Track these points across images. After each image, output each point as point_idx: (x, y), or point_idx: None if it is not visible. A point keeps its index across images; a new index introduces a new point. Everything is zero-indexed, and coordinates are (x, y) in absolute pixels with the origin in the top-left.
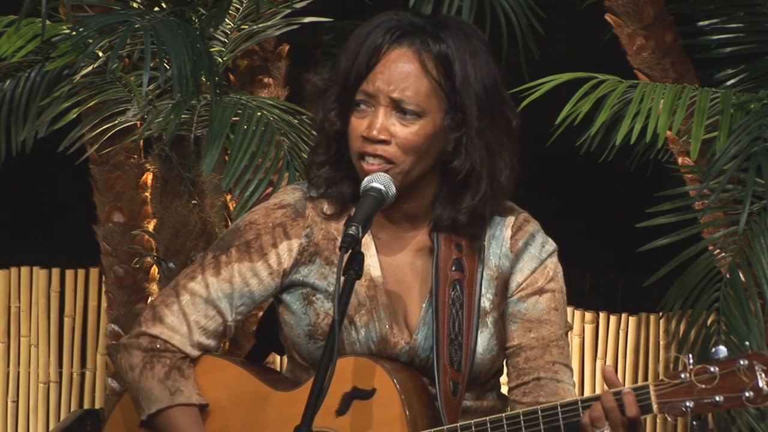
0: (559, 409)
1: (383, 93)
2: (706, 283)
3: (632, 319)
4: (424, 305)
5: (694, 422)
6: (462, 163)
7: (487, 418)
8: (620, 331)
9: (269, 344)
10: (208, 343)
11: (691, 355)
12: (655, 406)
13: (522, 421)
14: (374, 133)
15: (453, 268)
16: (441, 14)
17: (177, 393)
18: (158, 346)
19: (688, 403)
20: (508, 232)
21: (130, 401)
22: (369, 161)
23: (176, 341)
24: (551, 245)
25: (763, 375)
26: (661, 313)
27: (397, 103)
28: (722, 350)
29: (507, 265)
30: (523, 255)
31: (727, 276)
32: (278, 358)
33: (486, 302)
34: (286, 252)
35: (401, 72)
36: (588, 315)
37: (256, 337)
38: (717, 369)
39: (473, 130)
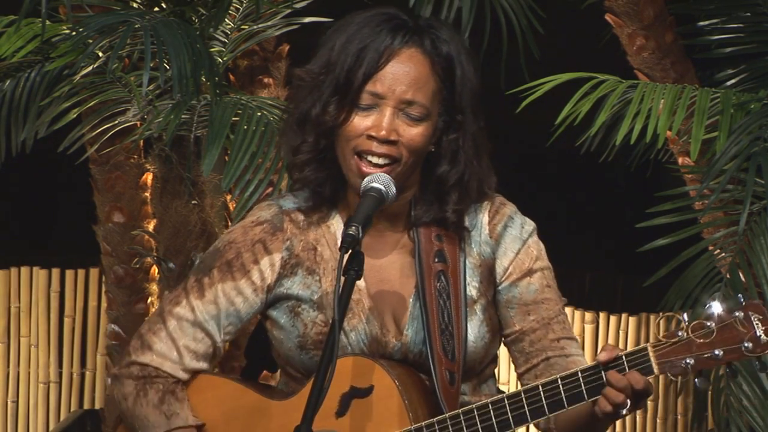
0: (559, 381)
1: (394, 94)
2: (707, 283)
3: (632, 319)
4: (410, 300)
5: (696, 380)
6: (456, 165)
7: (489, 400)
8: (620, 331)
9: (260, 362)
10: (199, 366)
11: (686, 314)
12: (655, 367)
13: (524, 398)
14: (384, 133)
15: (436, 260)
16: (428, 16)
17: (173, 417)
18: (149, 373)
19: (688, 360)
20: (486, 218)
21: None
22: (371, 160)
23: (167, 367)
24: (530, 224)
25: (760, 324)
26: (661, 313)
27: (407, 104)
28: (715, 305)
29: (489, 251)
30: (504, 238)
31: (727, 276)
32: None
33: (472, 290)
34: (268, 267)
35: (413, 73)
36: (588, 315)
37: (246, 357)
38: (713, 323)
39: (468, 133)
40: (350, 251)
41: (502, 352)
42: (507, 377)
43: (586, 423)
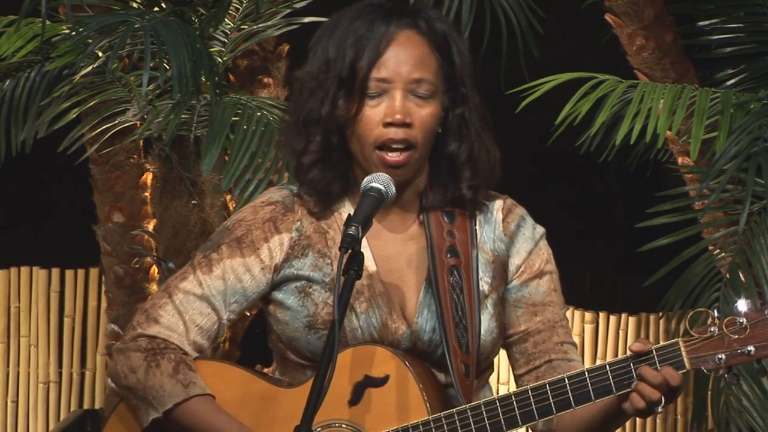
0: (587, 374)
1: (401, 75)
2: (706, 283)
3: (632, 319)
4: (421, 291)
5: (726, 375)
6: (465, 141)
7: (511, 392)
8: (620, 331)
9: (255, 354)
10: (203, 342)
11: (716, 309)
12: (687, 362)
13: (549, 390)
14: (399, 116)
15: (448, 255)
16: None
17: (191, 385)
18: (158, 344)
19: (720, 356)
20: (499, 215)
21: (126, 410)
22: (391, 150)
23: (175, 340)
24: (541, 228)
25: None
26: (661, 313)
27: (415, 83)
28: (743, 303)
29: (503, 248)
30: (517, 237)
31: (727, 276)
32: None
33: (484, 285)
34: (277, 246)
35: (415, 53)
36: (588, 315)
37: (241, 349)
38: (746, 320)
39: (473, 105)
40: (350, 251)
41: (501, 352)
42: (507, 377)
43: (601, 422)
